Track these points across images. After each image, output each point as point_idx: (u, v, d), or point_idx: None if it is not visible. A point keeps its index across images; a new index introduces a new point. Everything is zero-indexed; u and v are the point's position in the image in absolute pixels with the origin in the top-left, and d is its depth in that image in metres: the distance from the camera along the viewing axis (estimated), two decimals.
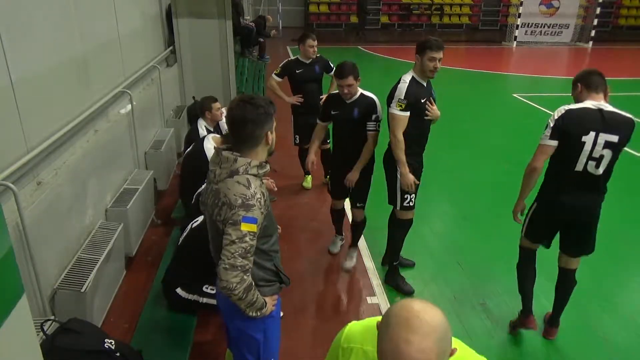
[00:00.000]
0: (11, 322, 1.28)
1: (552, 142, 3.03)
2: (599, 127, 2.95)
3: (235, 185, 1.89)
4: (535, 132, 8.27)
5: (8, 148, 2.54)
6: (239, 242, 1.85)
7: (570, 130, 2.96)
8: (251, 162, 1.92)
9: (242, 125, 1.92)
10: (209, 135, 3.96)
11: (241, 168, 1.91)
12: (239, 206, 1.85)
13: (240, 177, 1.90)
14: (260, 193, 1.91)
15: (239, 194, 1.86)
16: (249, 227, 1.85)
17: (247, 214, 1.85)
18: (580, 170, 2.98)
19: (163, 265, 3.41)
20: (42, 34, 2.94)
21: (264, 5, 18.09)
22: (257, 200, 1.88)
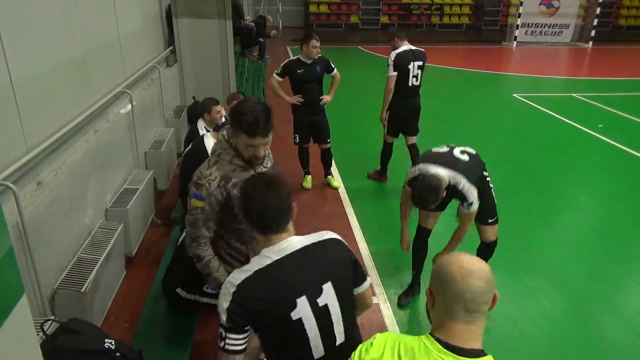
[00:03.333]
0: (11, 322, 1.28)
1: (394, 73, 5.08)
2: (413, 58, 5.10)
3: (205, 162, 2.14)
4: (536, 132, 8.31)
5: (8, 148, 2.54)
6: (189, 213, 2.15)
7: (402, 63, 5.05)
8: (227, 150, 2.12)
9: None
10: (207, 134, 3.96)
11: (218, 150, 2.14)
12: (192, 183, 2.10)
13: (213, 157, 2.14)
14: (216, 175, 2.07)
15: (198, 172, 2.10)
16: (195, 203, 2.09)
17: (196, 190, 2.08)
18: (409, 85, 5.13)
19: (163, 265, 3.41)
20: (42, 34, 2.94)
21: (264, 5, 18.10)
22: (208, 181, 2.06)
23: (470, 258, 1.29)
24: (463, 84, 11.43)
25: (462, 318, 1.23)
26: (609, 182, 6.05)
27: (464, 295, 1.22)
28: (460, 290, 1.22)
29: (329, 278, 1.64)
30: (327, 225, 4.74)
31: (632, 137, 7.44)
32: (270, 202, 1.61)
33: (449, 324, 1.24)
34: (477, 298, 1.23)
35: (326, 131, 5.36)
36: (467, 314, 1.23)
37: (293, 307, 1.60)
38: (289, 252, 1.64)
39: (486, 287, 1.24)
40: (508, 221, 4.65)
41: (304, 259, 1.63)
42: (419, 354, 1.22)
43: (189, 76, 6.52)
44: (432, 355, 1.21)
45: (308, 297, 1.61)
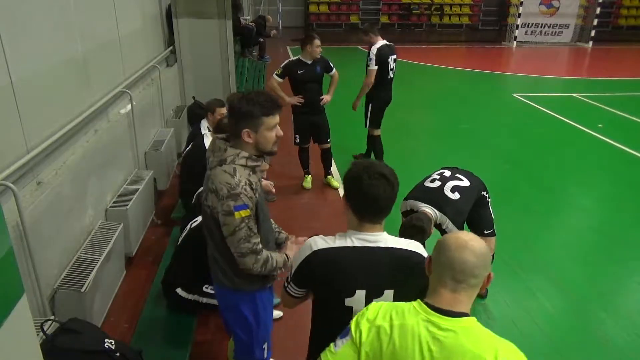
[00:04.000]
0: (11, 322, 1.28)
1: (376, 67, 5.48)
2: (390, 52, 5.53)
3: (222, 174, 1.97)
4: (536, 132, 8.31)
5: (8, 148, 2.54)
6: (238, 231, 1.98)
7: (383, 57, 5.46)
8: (240, 154, 1.99)
9: (229, 115, 2.05)
10: (207, 133, 3.96)
11: (229, 158, 1.99)
12: (227, 197, 1.94)
13: (228, 166, 1.98)
14: (245, 181, 1.97)
15: (224, 183, 1.95)
16: (242, 214, 1.96)
17: (236, 203, 1.94)
18: (388, 77, 5.59)
19: (163, 265, 3.41)
20: (42, 34, 2.94)
21: (264, 5, 18.10)
22: (243, 188, 1.95)
23: (469, 235, 1.40)
24: (463, 84, 11.42)
25: (449, 286, 1.35)
26: (609, 182, 6.05)
27: (453, 264, 1.34)
28: (451, 259, 1.34)
29: (395, 287, 1.66)
30: (327, 225, 4.74)
31: (632, 137, 7.44)
32: (380, 192, 1.62)
33: (439, 290, 1.36)
34: (465, 269, 1.33)
35: (326, 131, 5.37)
36: (455, 282, 1.34)
37: (351, 295, 1.66)
38: (371, 245, 1.66)
39: (476, 261, 1.33)
40: (508, 221, 4.65)
41: (382, 259, 1.66)
42: (408, 314, 1.35)
43: (189, 76, 6.51)
44: (420, 316, 1.33)
45: (367, 293, 1.65)
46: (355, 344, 1.37)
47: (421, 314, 1.33)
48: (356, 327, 1.39)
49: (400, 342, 1.31)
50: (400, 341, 1.31)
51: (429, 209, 3.12)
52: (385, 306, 1.40)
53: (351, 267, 1.65)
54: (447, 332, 1.29)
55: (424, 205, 3.14)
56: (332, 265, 1.67)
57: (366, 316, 1.39)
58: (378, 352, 1.34)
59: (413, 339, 1.31)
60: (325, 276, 1.68)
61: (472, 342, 1.28)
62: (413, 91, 10.18)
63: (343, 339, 1.41)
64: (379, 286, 1.66)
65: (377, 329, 1.35)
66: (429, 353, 1.28)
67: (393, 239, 1.71)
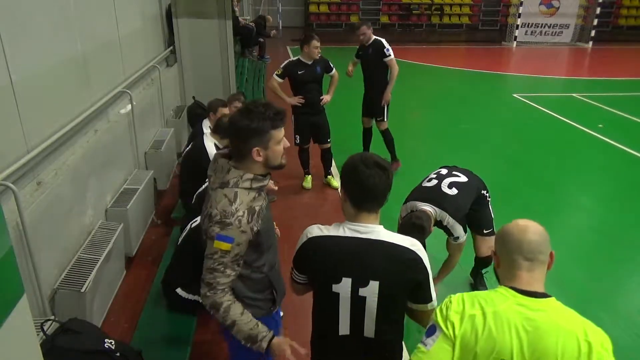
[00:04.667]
0: (11, 322, 1.28)
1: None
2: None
3: (222, 198, 1.79)
4: (536, 132, 8.30)
5: (8, 148, 2.54)
6: (209, 257, 1.84)
7: None
8: (243, 176, 1.81)
9: (230, 134, 1.86)
10: (207, 133, 3.96)
11: (232, 180, 1.81)
12: (216, 222, 1.77)
13: (229, 190, 1.80)
14: (244, 210, 1.78)
15: (221, 210, 1.77)
16: (220, 245, 1.78)
17: (221, 231, 1.77)
18: None
19: (163, 265, 3.41)
20: (42, 34, 2.94)
21: (264, 5, 18.10)
22: (237, 219, 1.76)
23: (525, 220, 1.55)
24: (463, 84, 11.42)
25: (525, 267, 1.48)
26: (609, 182, 6.05)
27: (522, 246, 1.48)
28: (519, 242, 1.49)
29: (381, 280, 1.69)
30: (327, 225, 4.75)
31: (632, 137, 7.44)
32: (376, 181, 1.68)
33: (515, 273, 1.49)
34: (533, 248, 1.48)
35: (326, 131, 5.37)
36: (528, 262, 1.48)
37: (337, 281, 1.72)
38: (361, 237, 1.71)
39: (540, 239, 1.50)
40: (508, 221, 4.63)
41: (370, 250, 1.70)
42: (498, 300, 1.45)
43: (189, 76, 6.52)
44: (510, 300, 1.43)
45: (353, 282, 1.71)
46: (449, 338, 1.43)
47: (511, 299, 1.44)
48: (445, 321, 1.46)
49: (497, 327, 1.40)
50: (496, 326, 1.40)
51: (428, 207, 3.12)
52: (468, 296, 1.49)
53: (339, 255, 1.73)
54: (539, 312, 1.40)
55: (422, 204, 3.15)
56: (322, 252, 1.76)
57: (452, 309, 1.46)
58: (473, 340, 1.41)
59: (509, 322, 1.40)
60: (316, 262, 1.78)
61: (563, 319, 1.41)
62: (413, 91, 10.17)
63: (432, 336, 1.47)
64: (365, 276, 1.71)
65: (470, 318, 1.43)
66: (525, 333, 1.38)
67: (388, 233, 1.74)
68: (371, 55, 5.58)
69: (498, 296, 1.46)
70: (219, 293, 1.87)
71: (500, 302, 1.44)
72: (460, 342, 1.42)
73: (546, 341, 1.37)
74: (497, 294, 1.47)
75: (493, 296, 1.47)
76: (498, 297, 1.46)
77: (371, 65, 5.66)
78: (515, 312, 1.41)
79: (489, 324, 1.41)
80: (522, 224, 1.52)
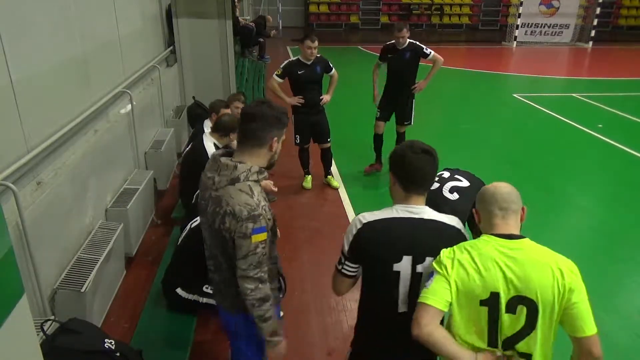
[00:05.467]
0: (11, 322, 1.28)
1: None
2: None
3: (238, 193, 1.84)
4: (536, 132, 8.30)
5: (8, 148, 2.54)
6: (251, 255, 1.87)
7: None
8: (251, 168, 1.88)
9: (250, 120, 1.90)
10: (207, 133, 3.96)
11: (242, 175, 1.86)
12: (246, 219, 1.82)
13: (242, 184, 1.85)
14: (263, 201, 1.89)
15: (244, 204, 1.82)
16: (260, 238, 1.86)
17: (255, 225, 1.83)
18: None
19: (163, 265, 3.41)
20: (42, 34, 2.94)
21: (264, 5, 18.10)
22: (263, 209, 1.87)
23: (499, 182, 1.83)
24: (463, 84, 11.42)
25: (499, 215, 1.76)
26: (608, 182, 6.05)
27: (495, 197, 1.77)
28: (492, 194, 1.79)
29: (435, 255, 1.81)
30: (327, 225, 4.74)
31: (632, 137, 7.44)
32: (423, 166, 1.83)
33: (493, 223, 1.77)
34: (506, 198, 1.77)
35: (326, 131, 5.37)
36: (502, 211, 1.76)
37: (399, 260, 1.83)
38: (415, 217, 1.85)
39: (511, 190, 1.80)
40: None
41: (425, 229, 1.85)
42: (481, 245, 1.71)
43: (189, 76, 6.52)
44: (492, 244, 1.70)
45: (413, 259, 1.83)
46: (444, 277, 1.68)
47: (492, 242, 1.71)
48: (440, 265, 1.70)
49: (484, 266, 1.67)
50: (483, 265, 1.67)
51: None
52: (456, 247, 1.74)
53: (398, 235, 1.84)
54: (517, 251, 1.68)
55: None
56: (381, 233, 1.85)
57: (444, 255, 1.71)
58: (466, 279, 1.67)
59: (493, 260, 1.67)
60: (376, 245, 1.85)
61: (537, 254, 1.69)
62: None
63: (430, 279, 1.71)
64: (422, 253, 1.83)
65: (459, 261, 1.69)
66: (509, 268, 1.66)
67: (435, 212, 1.90)
68: (409, 59, 5.48)
69: (481, 242, 1.73)
70: (267, 284, 1.94)
71: (483, 245, 1.71)
72: (455, 283, 1.67)
73: (527, 272, 1.65)
74: (480, 241, 1.74)
75: (477, 242, 1.74)
76: (481, 242, 1.73)
77: (407, 68, 5.55)
78: (497, 252, 1.68)
79: (477, 263, 1.67)
80: (495, 184, 1.83)
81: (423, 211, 1.87)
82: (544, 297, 1.64)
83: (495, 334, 1.70)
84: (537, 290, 1.63)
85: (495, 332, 1.70)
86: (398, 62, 5.53)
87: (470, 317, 1.70)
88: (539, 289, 1.63)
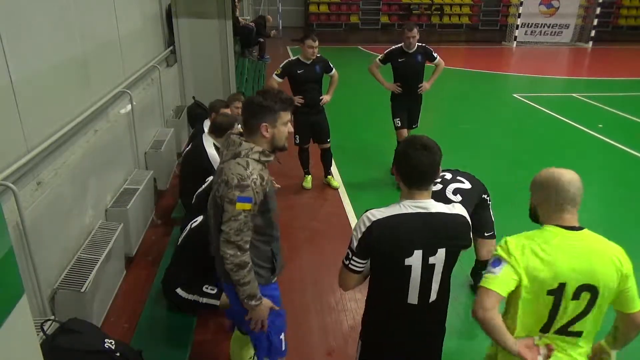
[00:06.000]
0: (11, 322, 1.28)
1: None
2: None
3: (236, 166, 2.03)
4: (536, 132, 8.30)
5: (8, 148, 2.54)
6: (233, 220, 2.02)
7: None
8: (253, 148, 2.06)
9: (243, 112, 2.14)
10: (206, 134, 3.96)
11: (243, 151, 2.06)
12: (235, 186, 2.00)
13: (241, 159, 2.05)
14: (257, 175, 2.03)
15: (236, 174, 2.01)
16: (243, 206, 2.01)
17: (241, 194, 2.00)
18: None
19: (163, 265, 3.41)
20: (42, 34, 2.94)
21: (264, 5, 18.10)
22: (253, 181, 2.01)
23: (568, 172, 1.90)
24: (463, 84, 11.42)
25: (568, 210, 1.83)
26: (609, 182, 6.04)
27: (569, 192, 1.83)
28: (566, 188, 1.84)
29: (447, 245, 1.89)
30: (327, 225, 4.74)
31: (632, 137, 7.44)
32: (421, 163, 1.85)
33: (560, 215, 1.83)
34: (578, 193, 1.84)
35: (326, 130, 5.37)
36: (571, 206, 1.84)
37: (410, 254, 1.87)
38: (423, 211, 1.88)
39: (581, 185, 1.86)
40: (508, 221, 4.63)
41: (434, 222, 1.89)
42: (549, 236, 1.80)
43: (189, 76, 6.52)
44: (560, 235, 1.79)
45: (424, 253, 1.87)
46: (514, 267, 1.75)
47: (560, 235, 1.79)
48: (508, 254, 1.78)
49: (554, 257, 1.74)
50: (554, 257, 1.74)
51: None
52: (523, 236, 1.83)
53: (408, 230, 1.87)
54: (581, 242, 1.79)
55: None
56: (391, 230, 1.87)
57: (511, 246, 1.79)
58: (536, 269, 1.74)
59: (562, 253, 1.75)
60: (386, 241, 1.88)
61: (599, 244, 1.82)
62: None
63: (499, 266, 1.77)
64: (434, 245, 1.88)
65: (531, 251, 1.76)
66: (576, 260, 1.75)
67: (440, 205, 1.93)
68: (420, 62, 5.44)
69: (549, 233, 1.81)
70: (246, 253, 2.08)
71: (552, 237, 1.79)
72: (525, 272, 1.74)
73: (593, 262, 1.75)
74: (548, 232, 1.81)
75: (545, 234, 1.81)
76: (549, 234, 1.80)
77: (415, 72, 5.47)
78: (565, 243, 1.77)
79: (547, 254, 1.75)
80: (564, 174, 1.87)
81: (429, 205, 1.90)
82: (607, 284, 1.75)
83: (553, 320, 1.80)
84: (601, 279, 1.75)
85: (553, 318, 1.79)
86: (409, 66, 5.43)
87: (532, 305, 1.78)
88: (603, 277, 1.74)
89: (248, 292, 2.13)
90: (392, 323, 2.02)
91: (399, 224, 1.88)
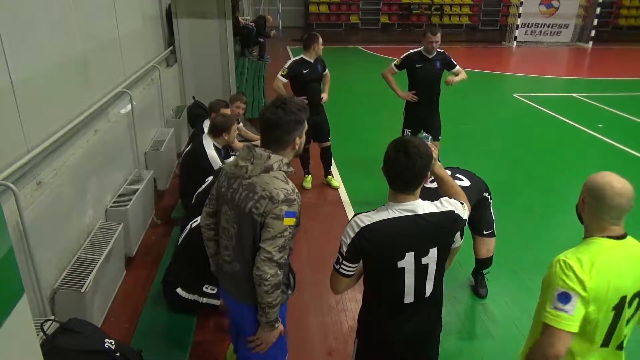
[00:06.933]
0: (11, 322, 1.28)
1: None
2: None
3: (274, 180, 1.96)
4: (536, 132, 8.29)
5: (8, 148, 2.54)
6: (279, 237, 1.94)
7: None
8: (283, 160, 2.01)
9: (273, 129, 2.00)
10: (206, 134, 3.96)
11: (275, 164, 1.99)
12: (282, 201, 1.93)
13: (277, 172, 1.99)
14: (295, 188, 2.01)
15: (281, 188, 1.94)
16: (290, 222, 1.95)
17: (289, 208, 1.94)
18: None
19: (163, 265, 3.41)
20: (42, 34, 2.94)
21: (264, 5, 18.09)
22: (297, 194, 1.98)
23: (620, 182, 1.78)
24: (463, 84, 11.37)
25: (618, 224, 1.80)
26: None
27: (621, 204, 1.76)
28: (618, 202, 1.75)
29: (438, 245, 1.90)
30: (327, 225, 4.74)
31: (632, 137, 7.44)
32: (400, 167, 1.84)
33: (609, 227, 1.79)
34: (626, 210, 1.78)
35: (326, 129, 5.37)
36: (619, 220, 1.80)
37: (402, 257, 1.87)
38: (411, 214, 1.86)
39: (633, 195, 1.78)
40: (508, 221, 4.65)
41: (425, 223, 1.87)
42: (606, 250, 1.75)
43: (189, 76, 6.52)
44: (615, 248, 1.76)
45: (415, 254, 1.88)
46: (585, 298, 1.67)
47: (615, 247, 1.76)
48: (578, 282, 1.67)
49: (615, 272, 1.70)
50: (615, 272, 1.70)
51: None
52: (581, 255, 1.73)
53: (398, 235, 1.87)
54: (631, 250, 1.79)
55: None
56: (380, 236, 1.87)
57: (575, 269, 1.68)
58: (604, 289, 1.68)
59: (622, 265, 1.73)
60: (377, 246, 1.88)
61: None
62: None
63: (570, 303, 1.67)
64: (425, 246, 1.88)
65: (596, 269, 1.69)
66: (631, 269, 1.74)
67: (428, 203, 1.92)
68: (439, 69, 5.18)
69: (604, 248, 1.76)
70: (282, 272, 2.01)
71: (611, 251, 1.75)
72: (593, 296, 1.67)
73: None
74: (603, 247, 1.77)
75: (601, 249, 1.76)
76: (604, 248, 1.76)
77: (434, 79, 5.17)
78: (620, 255, 1.75)
79: (611, 270, 1.71)
80: (619, 188, 1.75)
81: (416, 207, 1.89)
82: None
83: (612, 334, 1.78)
84: None
85: (613, 332, 1.78)
86: (429, 73, 5.12)
87: (596, 324, 1.73)
88: None
89: (276, 315, 2.05)
90: (389, 322, 2.02)
91: (388, 229, 1.87)
